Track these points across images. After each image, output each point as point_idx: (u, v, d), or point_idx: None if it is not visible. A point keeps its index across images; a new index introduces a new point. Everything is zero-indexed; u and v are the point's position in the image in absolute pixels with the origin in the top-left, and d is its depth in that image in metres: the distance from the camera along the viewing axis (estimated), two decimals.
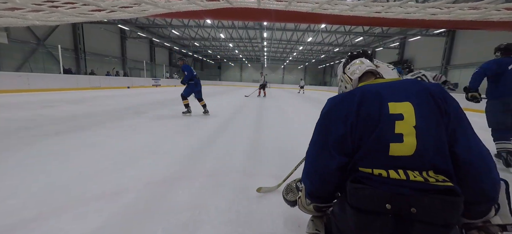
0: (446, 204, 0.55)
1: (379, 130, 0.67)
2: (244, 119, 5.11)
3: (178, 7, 0.51)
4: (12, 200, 1.49)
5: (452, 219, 0.56)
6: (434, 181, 0.59)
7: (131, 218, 1.37)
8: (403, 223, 0.56)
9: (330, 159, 0.74)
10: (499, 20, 0.56)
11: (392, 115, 0.67)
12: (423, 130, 0.65)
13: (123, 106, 6.05)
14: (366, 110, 0.71)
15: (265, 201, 1.62)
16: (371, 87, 0.76)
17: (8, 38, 9.90)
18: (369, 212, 0.60)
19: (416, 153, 0.63)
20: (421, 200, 0.55)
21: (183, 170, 2.11)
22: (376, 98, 0.71)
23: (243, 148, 2.87)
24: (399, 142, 0.65)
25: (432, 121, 0.66)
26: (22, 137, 2.87)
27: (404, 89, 0.71)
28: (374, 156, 0.67)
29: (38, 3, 0.43)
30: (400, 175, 0.61)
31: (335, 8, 0.58)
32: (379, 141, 0.67)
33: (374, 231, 0.59)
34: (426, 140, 0.64)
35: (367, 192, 0.61)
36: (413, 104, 0.67)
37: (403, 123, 0.66)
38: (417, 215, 0.55)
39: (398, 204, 0.57)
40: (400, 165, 0.64)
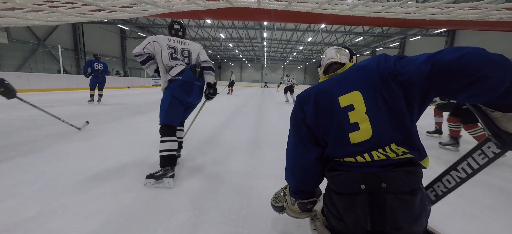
0: (409, 174, 0.64)
1: (336, 125, 0.74)
2: (244, 118, 5.11)
3: (178, 7, 0.51)
4: (12, 200, 1.49)
5: (415, 184, 0.65)
6: (395, 156, 0.66)
7: (131, 218, 1.37)
8: (377, 197, 0.65)
9: (308, 151, 0.82)
10: (499, 20, 0.56)
11: (344, 108, 0.73)
12: (373, 113, 0.69)
13: (123, 107, 6.06)
14: (320, 110, 0.78)
15: (265, 201, 1.62)
16: (323, 85, 0.82)
17: (8, 38, 9.90)
18: (348, 194, 0.69)
19: (374, 135, 0.69)
20: (388, 175, 0.64)
21: (183, 170, 2.11)
22: (327, 97, 0.77)
23: (243, 148, 2.87)
24: (356, 130, 0.71)
25: (382, 101, 0.69)
26: (22, 136, 2.87)
27: (351, 79, 0.75)
28: (340, 148, 0.74)
29: (38, 3, 0.43)
30: (366, 158, 0.68)
31: (335, 8, 0.58)
32: (339, 134, 0.74)
33: (355, 209, 0.67)
34: (380, 120, 0.68)
35: (342, 177, 0.71)
36: (361, 92, 0.71)
37: (355, 112, 0.71)
38: (387, 188, 0.64)
39: (370, 182, 0.65)
40: (364, 150, 0.69)
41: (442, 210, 1.57)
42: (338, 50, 0.97)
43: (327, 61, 0.96)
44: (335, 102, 0.75)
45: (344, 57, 0.94)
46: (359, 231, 0.70)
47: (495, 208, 1.70)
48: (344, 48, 0.99)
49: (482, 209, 1.66)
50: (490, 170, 2.38)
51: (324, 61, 0.99)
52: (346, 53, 0.96)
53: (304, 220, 1.40)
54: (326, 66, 0.97)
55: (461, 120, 2.98)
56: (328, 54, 0.97)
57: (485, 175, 2.25)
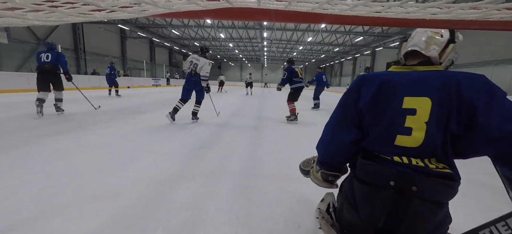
0: (445, 187, 0.62)
1: (388, 122, 0.71)
2: (244, 118, 5.11)
3: (178, 7, 0.51)
4: (12, 200, 1.49)
5: (446, 199, 0.64)
6: (434, 167, 0.64)
7: (131, 218, 1.37)
8: (403, 197, 0.64)
9: (347, 132, 0.80)
10: (499, 20, 0.56)
11: (405, 110, 0.69)
12: (434, 127, 0.66)
13: (123, 106, 6.06)
14: (379, 100, 0.73)
15: (265, 202, 1.62)
16: (394, 77, 0.74)
17: (8, 38, 9.90)
18: (374, 185, 0.68)
19: (421, 146, 0.67)
20: (422, 181, 0.62)
21: (183, 170, 2.12)
22: (392, 91, 0.72)
23: (243, 148, 2.87)
24: (407, 135, 0.68)
25: (450, 120, 0.65)
26: (22, 137, 2.87)
27: (426, 83, 0.68)
28: (381, 144, 0.72)
29: (38, 3, 0.43)
30: (404, 160, 0.67)
31: (335, 8, 0.58)
32: (386, 132, 0.71)
33: (375, 202, 0.67)
34: (435, 137, 0.66)
35: (374, 169, 0.69)
36: (431, 100, 0.66)
37: (414, 118, 0.68)
38: (417, 192, 0.62)
39: (401, 182, 0.64)
40: (404, 153, 0.68)
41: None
42: (430, 38, 0.76)
43: (410, 47, 0.79)
44: (398, 100, 0.70)
45: (434, 48, 0.75)
46: (369, 225, 0.70)
47: (503, 211, 1.70)
48: (440, 34, 0.76)
49: (489, 213, 1.66)
50: (490, 170, 2.38)
51: (408, 44, 0.81)
52: (440, 42, 0.75)
53: (307, 221, 1.40)
54: (406, 54, 0.82)
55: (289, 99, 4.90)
56: (415, 38, 0.79)
57: (486, 175, 2.25)
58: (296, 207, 1.57)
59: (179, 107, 4.15)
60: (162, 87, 18.23)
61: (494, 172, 0.73)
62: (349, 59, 26.74)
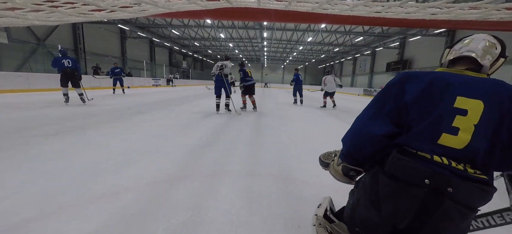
0: (481, 192, 0.61)
1: (435, 118, 0.69)
2: (244, 118, 5.10)
3: (178, 7, 0.51)
4: (12, 200, 1.49)
5: (479, 204, 0.63)
6: (472, 172, 0.64)
7: (131, 218, 1.37)
8: (436, 198, 0.62)
9: (383, 125, 0.76)
10: (499, 20, 0.56)
11: (456, 109, 0.68)
12: (482, 132, 0.65)
13: (123, 106, 6.06)
14: (430, 95, 0.71)
15: (265, 202, 1.62)
16: (447, 75, 0.73)
17: (8, 38, 9.90)
18: (406, 182, 0.66)
19: (466, 149, 0.66)
20: (460, 183, 0.61)
21: (183, 170, 2.12)
22: (445, 88, 0.70)
23: (243, 148, 2.87)
24: (453, 134, 0.67)
25: (498, 128, 0.65)
26: (22, 137, 2.87)
27: (479, 87, 0.68)
28: (424, 141, 0.69)
29: (38, 3, 0.43)
30: (444, 161, 0.65)
31: (335, 8, 0.58)
32: (432, 128, 0.69)
33: (404, 199, 0.65)
34: (481, 142, 0.65)
35: (411, 165, 0.66)
36: (485, 104, 0.66)
37: (464, 119, 0.67)
38: (451, 194, 0.61)
39: (437, 182, 0.62)
40: (445, 154, 0.67)
41: None
42: (488, 47, 0.76)
43: (464, 52, 0.77)
44: (450, 98, 0.68)
45: (488, 58, 0.75)
46: (389, 224, 0.69)
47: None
48: (496, 46, 0.77)
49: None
50: None
51: (459, 49, 0.79)
52: (494, 54, 0.76)
53: (307, 221, 1.40)
54: (458, 58, 0.79)
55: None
56: (472, 44, 0.77)
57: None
58: (296, 207, 1.56)
59: (218, 102, 5.72)
60: (162, 87, 18.24)
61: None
62: (349, 59, 26.74)
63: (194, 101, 8.37)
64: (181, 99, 8.65)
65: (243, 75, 6.07)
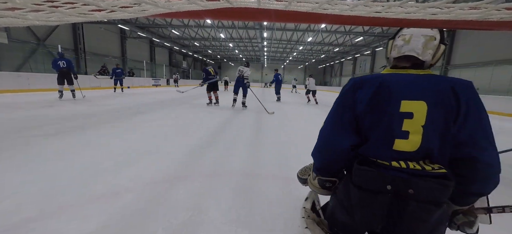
0: (440, 186, 0.63)
1: (386, 126, 0.71)
2: (244, 118, 5.11)
3: (178, 7, 0.51)
4: (12, 200, 1.49)
5: (442, 198, 0.65)
6: (430, 169, 0.66)
7: (131, 218, 1.37)
8: (400, 201, 0.65)
9: (344, 137, 0.78)
10: (499, 20, 0.56)
11: (402, 114, 0.70)
12: (430, 130, 0.68)
13: (123, 106, 6.06)
14: (377, 103, 0.73)
15: (265, 201, 1.62)
16: (389, 80, 0.74)
17: (8, 38, 9.90)
18: (371, 191, 0.68)
19: (419, 150, 0.68)
20: (419, 183, 0.63)
21: (183, 170, 2.12)
22: (390, 94, 0.72)
23: (243, 148, 2.87)
24: (404, 138, 0.69)
25: (444, 123, 0.67)
26: (22, 137, 2.87)
27: (423, 87, 0.70)
28: (380, 149, 0.72)
29: (38, 3, 0.43)
30: (401, 165, 0.67)
31: (335, 8, 0.58)
32: (385, 136, 0.71)
33: (373, 207, 0.68)
34: (431, 140, 0.68)
35: (371, 174, 0.68)
36: (427, 104, 0.68)
37: (411, 122, 0.69)
38: (413, 195, 0.63)
39: (398, 185, 0.65)
40: (402, 158, 0.69)
41: None
42: (427, 42, 0.75)
43: (406, 52, 0.77)
44: (396, 103, 0.70)
45: (429, 52, 0.75)
46: (367, 227, 0.71)
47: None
48: (434, 37, 0.75)
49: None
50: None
51: (400, 47, 0.79)
52: (434, 46, 0.75)
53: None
54: (402, 56, 0.80)
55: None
56: (412, 42, 0.76)
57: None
58: (296, 206, 1.56)
59: (235, 98, 7.00)
60: (163, 87, 18.24)
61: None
62: (349, 59, 26.74)
63: (194, 101, 8.37)
64: (181, 99, 8.66)
65: (206, 74, 6.75)
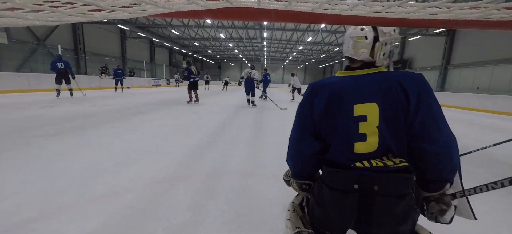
0: (400, 180, 0.67)
1: (343, 131, 0.74)
2: (244, 118, 5.11)
3: (178, 7, 0.51)
4: (12, 200, 1.49)
5: (405, 190, 0.68)
6: (392, 164, 0.69)
7: (131, 218, 1.37)
8: (368, 198, 0.68)
9: (309, 144, 0.82)
10: (499, 20, 0.56)
11: (357, 117, 0.73)
12: (385, 129, 0.71)
13: (123, 106, 6.06)
14: (331, 110, 0.77)
15: (265, 201, 1.62)
16: (341, 86, 0.77)
17: (8, 38, 9.90)
18: (341, 191, 0.71)
19: (378, 149, 0.72)
20: (382, 179, 0.67)
21: (183, 170, 2.12)
22: (342, 101, 0.75)
23: (243, 148, 2.87)
24: (363, 141, 0.72)
25: (396, 119, 0.71)
26: (22, 137, 2.87)
27: (370, 90, 0.73)
28: (342, 154, 0.75)
29: (38, 3, 0.43)
30: (365, 164, 0.71)
31: (335, 8, 0.58)
32: (344, 141, 0.74)
33: (344, 205, 0.71)
34: (388, 138, 0.71)
35: (339, 175, 0.73)
36: (378, 105, 0.71)
37: (366, 124, 0.72)
38: (378, 191, 0.67)
39: (363, 184, 0.68)
40: (364, 158, 0.72)
41: None
42: (356, 43, 0.78)
43: (345, 53, 0.83)
44: (349, 109, 0.74)
45: (363, 52, 0.77)
46: (342, 225, 0.74)
47: (496, 208, 1.70)
48: (364, 36, 0.77)
49: (483, 209, 1.66)
50: (491, 169, 2.38)
51: (358, 53, 0.80)
52: (366, 45, 0.77)
53: None
54: (348, 59, 0.84)
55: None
56: (344, 44, 0.82)
57: (486, 174, 2.25)
58: None
59: (248, 98, 7.60)
60: (163, 87, 18.23)
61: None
62: None
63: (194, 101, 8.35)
64: (181, 99, 8.65)
65: (188, 73, 7.23)
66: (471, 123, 6.02)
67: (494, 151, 2.80)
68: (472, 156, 2.78)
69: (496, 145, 2.49)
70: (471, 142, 3.68)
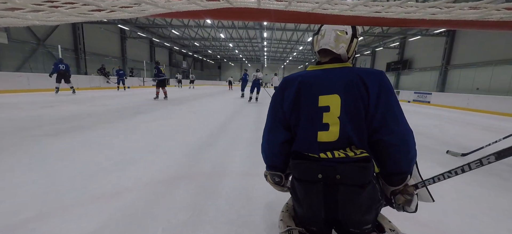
0: (360, 169, 0.71)
1: (308, 120, 0.79)
2: (244, 118, 5.11)
3: (178, 7, 0.51)
4: (12, 200, 1.49)
5: (365, 179, 0.71)
6: (353, 155, 0.73)
7: (131, 218, 1.37)
8: (332, 187, 0.72)
9: (279, 134, 0.87)
10: (499, 20, 0.56)
11: (321, 108, 0.77)
12: (345, 120, 0.75)
13: (123, 106, 6.06)
14: (299, 101, 0.81)
15: (265, 201, 1.63)
16: (309, 78, 0.82)
17: (8, 38, 9.90)
18: (307, 181, 0.75)
19: (339, 139, 0.76)
20: (344, 168, 0.71)
21: (183, 169, 2.12)
22: (309, 92, 0.79)
23: (243, 148, 2.87)
24: (326, 130, 0.77)
25: (356, 112, 0.75)
26: (22, 137, 2.87)
27: (334, 82, 0.78)
28: (307, 143, 0.79)
29: (38, 3, 0.43)
30: (328, 155, 0.75)
31: (335, 8, 0.58)
32: (308, 130, 0.79)
33: (312, 195, 0.74)
34: (348, 129, 0.75)
35: (303, 166, 0.76)
36: (340, 96, 0.76)
37: (329, 114, 0.76)
38: (341, 180, 0.70)
39: (326, 173, 0.72)
40: (328, 148, 0.77)
41: (440, 209, 1.57)
42: (338, 36, 0.82)
43: (322, 46, 0.84)
44: (315, 100, 0.78)
45: (342, 46, 0.82)
46: (315, 216, 0.76)
47: (494, 208, 1.70)
48: (345, 31, 0.82)
49: (482, 209, 1.66)
50: (490, 169, 2.38)
51: (318, 42, 0.86)
52: (346, 40, 0.82)
53: None
54: (319, 51, 0.88)
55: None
56: (325, 37, 0.83)
57: (485, 174, 2.25)
58: None
59: (251, 96, 9.14)
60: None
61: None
62: None
63: (194, 101, 8.37)
64: (181, 99, 8.66)
65: (157, 72, 7.90)
66: (471, 123, 6.02)
67: (495, 149, 2.79)
68: (471, 155, 2.78)
69: (506, 137, 2.65)
70: (471, 142, 3.68)
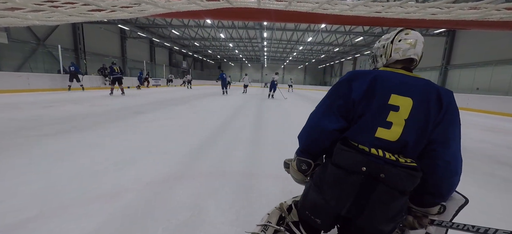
0: (408, 175, 0.69)
1: (373, 113, 0.78)
2: (244, 118, 5.11)
3: (178, 7, 0.51)
4: (12, 200, 1.49)
5: (409, 187, 0.70)
6: (403, 161, 0.72)
7: (131, 218, 1.37)
8: (371, 184, 0.70)
9: (334, 120, 0.85)
10: (499, 20, 0.56)
11: (390, 105, 0.77)
12: (411, 125, 0.75)
13: (123, 106, 6.06)
14: (372, 93, 0.80)
15: (265, 201, 1.62)
16: (387, 75, 0.82)
17: (8, 38, 9.90)
18: (346, 170, 0.74)
19: (398, 141, 0.75)
20: (391, 169, 0.69)
21: (183, 170, 2.12)
22: (383, 86, 0.79)
23: (243, 148, 2.87)
24: (387, 128, 0.76)
25: (424, 122, 0.74)
26: (22, 137, 2.87)
27: (412, 86, 0.78)
28: (363, 134, 0.78)
29: (38, 3, 0.43)
30: (379, 153, 0.74)
31: (335, 8, 0.58)
32: (369, 123, 0.78)
33: (345, 185, 0.74)
34: (410, 133, 0.75)
35: (350, 154, 0.75)
36: (413, 101, 0.75)
37: (396, 114, 0.76)
38: (384, 179, 0.69)
39: (371, 168, 0.70)
40: (381, 146, 0.76)
41: None
42: (421, 45, 0.85)
43: (411, 55, 0.85)
44: (386, 96, 0.78)
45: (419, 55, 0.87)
46: (332, 208, 0.76)
47: (495, 207, 1.70)
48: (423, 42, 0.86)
49: (482, 208, 1.66)
50: (490, 169, 2.38)
51: (406, 50, 0.86)
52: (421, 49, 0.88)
53: None
54: (406, 59, 0.87)
55: None
56: (417, 47, 0.85)
57: (485, 174, 2.25)
58: None
59: (269, 93, 11.37)
60: (163, 87, 18.24)
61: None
62: (349, 59, 26.72)
63: (194, 101, 8.37)
64: (181, 100, 8.66)
65: (111, 71, 9.07)
66: (470, 124, 6.02)
67: (495, 151, 2.80)
68: (472, 155, 2.78)
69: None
70: (470, 142, 3.68)
